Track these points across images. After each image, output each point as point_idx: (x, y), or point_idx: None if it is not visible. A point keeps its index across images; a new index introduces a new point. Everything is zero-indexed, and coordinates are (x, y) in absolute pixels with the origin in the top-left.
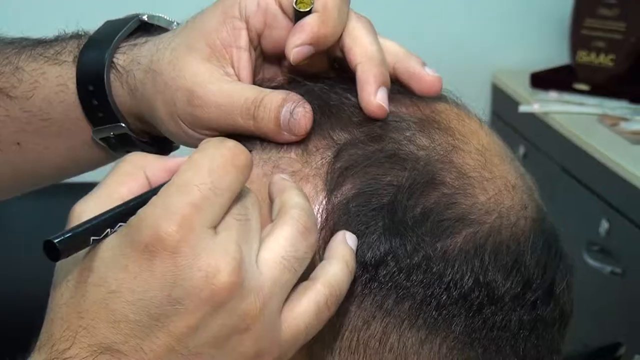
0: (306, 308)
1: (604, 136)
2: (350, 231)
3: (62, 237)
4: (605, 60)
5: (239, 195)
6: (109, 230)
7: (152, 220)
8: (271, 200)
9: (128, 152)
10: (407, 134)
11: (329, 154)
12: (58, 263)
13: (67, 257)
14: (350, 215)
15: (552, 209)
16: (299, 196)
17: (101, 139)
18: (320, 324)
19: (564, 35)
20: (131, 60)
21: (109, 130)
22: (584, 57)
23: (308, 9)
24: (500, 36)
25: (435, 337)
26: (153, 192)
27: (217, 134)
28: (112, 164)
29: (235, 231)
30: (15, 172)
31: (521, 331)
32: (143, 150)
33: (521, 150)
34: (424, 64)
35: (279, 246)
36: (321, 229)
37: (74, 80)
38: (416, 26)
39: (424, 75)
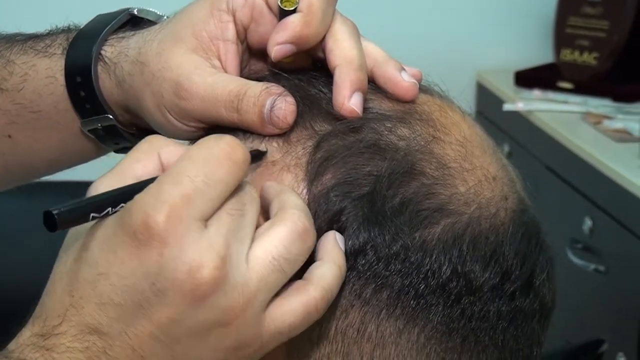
0: (294, 309)
1: (587, 134)
2: (329, 220)
3: (61, 210)
4: (588, 58)
5: (237, 190)
6: (110, 209)
7: (143, 207)
8: (266, 203)
9: (117, 144)
10: (388, 125)
11: (310, 144)
12: (65, 238)
13: (64, 229)
14: (330, 204)
15: (536, 207)
16: (297, 197)
17: (89, 131)
18: (306, 326)
19: (547, 34)
20: (119, 52)
21: (96, 121)
22: (567, 55)
23: (293, 8)
24: (484, 35)
25: (414, 326)
26: (157, 177)
27: (203, 126)
28: (102, 158)
29: (226, 226)
30: (7, 165)
31: (500, 322)
32: (130, 142)
33: (505, 148)
34: (401, 69)
35: (272, 245)
36: None
37: (63, 72)
38: (400, 25)
39: (399, 80)
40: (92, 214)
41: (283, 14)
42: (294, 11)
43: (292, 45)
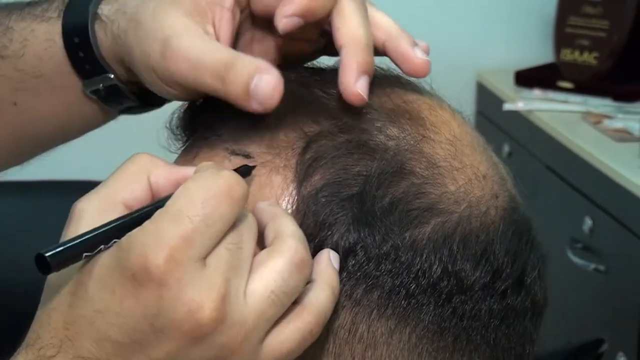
0: (290, 336)
1: (587, 134)
2: (319, 221)
3: (54, 252)
4: (589, 58)
5: (235, 221)
6: (102, 246)
7: (141, 249)
8: (260, 226)
9: (121, 104)
10: (378, 125)
11: (299, 145)
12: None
13: (58, 271)
14: (319, 205)
15: (536, 207)
16: (293, 224)
17: (92, 92)
18: (302, 350)
19: (548, 34)
20: (116, 9)
21: (98, 82)
22: (567, 55)
23: None
24: (484, 34)
25: (405, 326)
26: (151, 209)
27: (188, 91)
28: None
29: (225, 263)
30: (15, 134)
31: (491, 320)
32: (134, 101)
33: (506, 148)
34: (414, 44)
35: (270, 279)
36: None
37: (61, 34)
38: (400, 24)
39: (412, 57)
40: (84, 253)
41: None
42: None
43: (299, 18)
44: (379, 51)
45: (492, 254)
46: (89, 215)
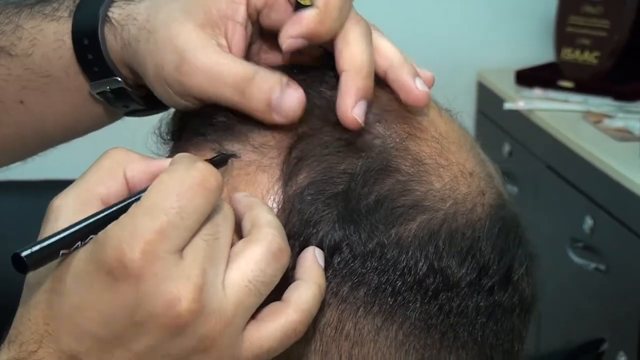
0: (273, 332)
1: (588, 133)
2: (304, 219)
3: (30, 251)
4: (589, 57)
5: (211, 212)
6: (79, 242)
7: (117, 243)
8: (237, 217)
9: (126, 107)
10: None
11: (286, 144)
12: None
13: (35, 270)
14: (305, 203)
15: (537, 206)
16: (269, 213)
17: (98, 94)
18: (284, 348)
19: (548, 33)
20: (127, 14)
21: (105, 84)
22: (568, 54)
23: (309, 3)
24: (485, 34)
25: (392, 323)
26: (127, 203)
27: (201, 103)
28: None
29: (202, 254)
30: (21, 133)
31: (479, 317)
32: (140, 104)
33: (506, 147)
34: (415, 75)
35: (248, 268)
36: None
37: (70, 35)
38: (402, 24)
39: (412, 88)
40: (61, 251)
41: (299, 5)
42: (310, 5)
43: (304, 40)
44: (380, 78)
45: (478, 251)
46: (65, 212)
